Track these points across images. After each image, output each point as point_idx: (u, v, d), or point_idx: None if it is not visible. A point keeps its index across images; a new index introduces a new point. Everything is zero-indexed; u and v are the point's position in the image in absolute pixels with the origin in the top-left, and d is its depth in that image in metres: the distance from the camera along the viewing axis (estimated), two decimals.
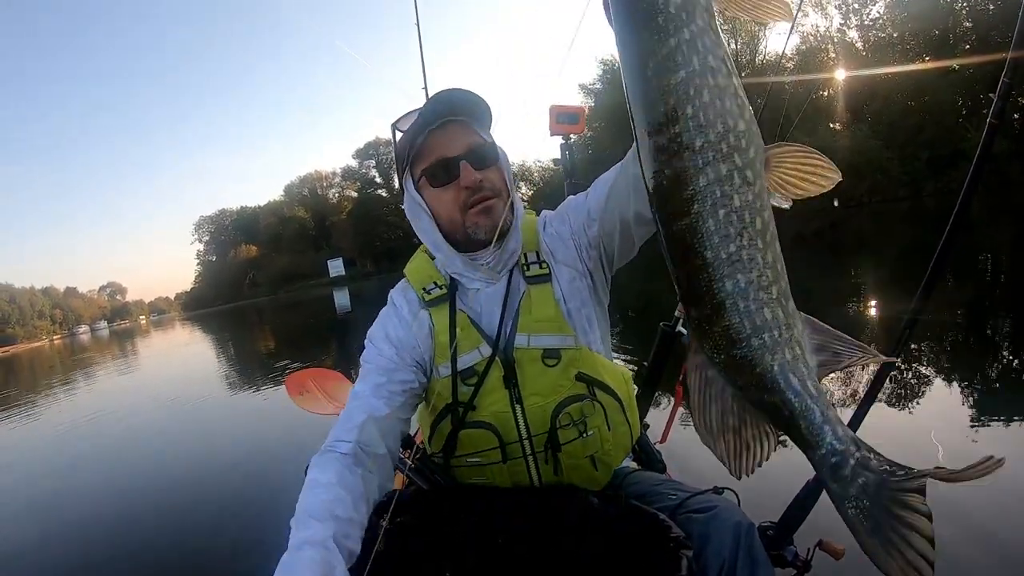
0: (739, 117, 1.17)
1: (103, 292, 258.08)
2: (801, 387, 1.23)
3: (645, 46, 1.16)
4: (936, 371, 6.81)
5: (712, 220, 1.18)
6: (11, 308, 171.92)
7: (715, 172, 1.16)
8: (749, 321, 1.22)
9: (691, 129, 1.15)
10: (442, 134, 2.02)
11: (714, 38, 1.16)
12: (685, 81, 1.15)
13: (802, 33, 48.83)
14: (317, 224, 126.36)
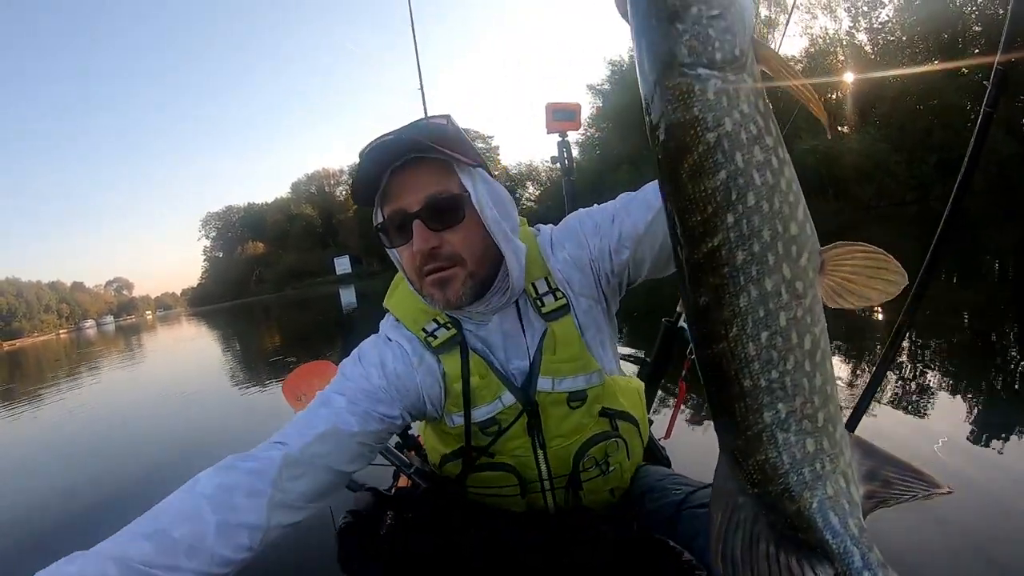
0: (790, 219, 1.05)
1: (109, 287, 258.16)
2: (841, 527, 1.12)
3: (678, 141, 1.02)
4: (940, 373, 6.79)
5: (753, 345, 1.05)
6: (18, 302, 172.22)
7: (759, 290, 1.03)
8: (788, 455, 1.10)
9: (732, 241, 1.02)
10: (404, 177, 1.75)
11: (763, 122, 1.02)
12: (725, 184, 1.01)
13: (811, 35, 48.78)
14: (324, 222, 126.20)
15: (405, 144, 1.69)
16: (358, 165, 1.75)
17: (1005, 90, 2.19)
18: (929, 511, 3.80)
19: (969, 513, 3.75)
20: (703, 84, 0.98)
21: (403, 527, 1.86)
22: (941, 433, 4.88)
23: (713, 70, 0.98)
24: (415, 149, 1.71)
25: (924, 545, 3.52)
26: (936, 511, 3.81)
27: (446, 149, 1.69)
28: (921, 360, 7.23)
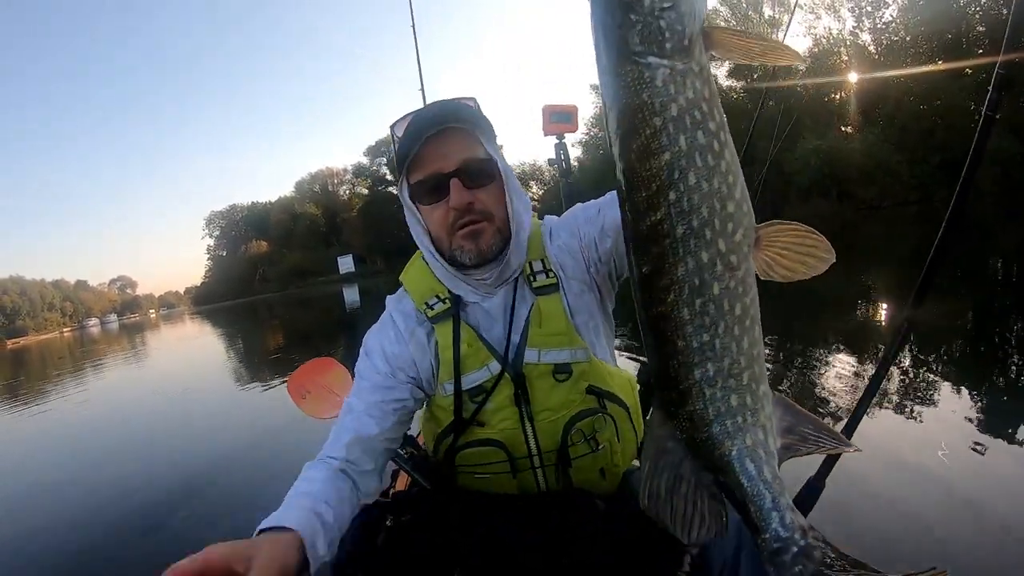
0: (728, 198, 1.13)
1: (113, 285, 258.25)
2: (756, 472, 1.23)
3: (628, 123, 1.12)
4: (944, 374, 6.78)
5: (687, 310, 1.16)
6: (22, 300, 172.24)
7: (696, 261, 1.13)
8: (714, 408, 1.21)
9: (672, 216, 1.12)
10: (439, 144, 1.90)
11: (707, 108, 1.11)
12: (669, 164, 1.10)
13: (815, 36, 48.72)
14: (328, 221, 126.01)
15: (441, 115, 1.88)
16: (398, 135, 2.01)
17: (1009, 90, 2.20)
18: (934, 516, 3.81)
19: (973, 518, 3.76)
20: (652, 72, 1.07)
21: (401, 530, 1.89)
22: (945, 434, 4.90)
23: (663, 59, 1.07)
24: (450, 119, 1.88)
25: (929, 550, 3.54)
26: (940, 517, 3.82)
27: (477, 125, 1.93)
28: (924, 361, 7.23)
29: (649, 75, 1.07)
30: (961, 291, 10.79)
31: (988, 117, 2.26)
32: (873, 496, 4.08)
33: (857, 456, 3.10)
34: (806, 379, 7.55)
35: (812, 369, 7.89)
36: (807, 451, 1.29)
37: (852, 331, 9.87)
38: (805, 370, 7.96)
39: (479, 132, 1.95)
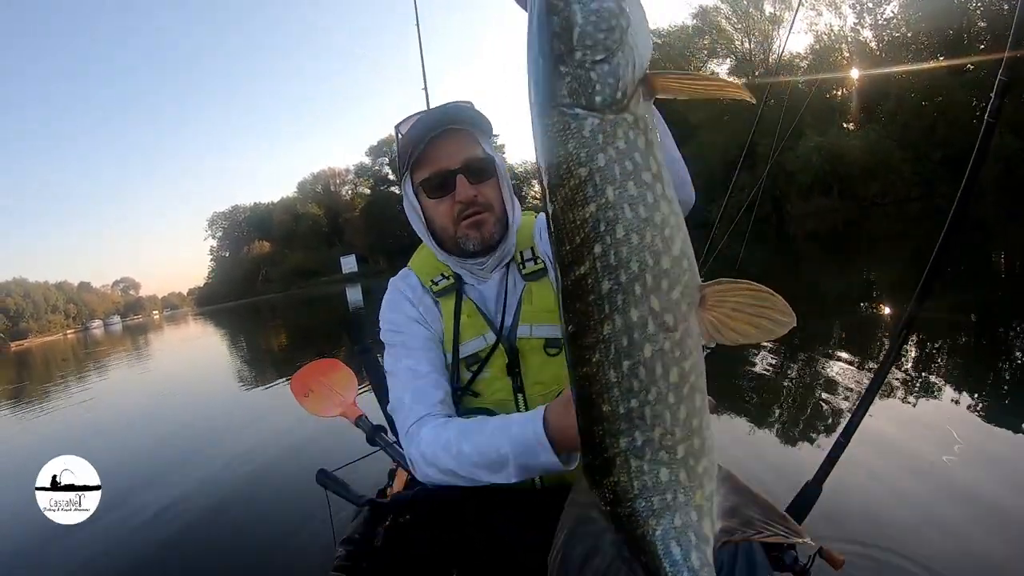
0: (663, 252, 1.08)
1: (116, 287, 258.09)
2: (682, 558, 1.14)
3: (556, 175, 1.09)
4: (946, 373, 6.78)
5: (614, 371, 1.09)
6: (25, 303, 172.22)
7: (624, 319, 1.07)
8: (639, 482, 1.13)
9: (598, 270, 1.07)
10: (443, 143, 2.08)
11: (640, 158, 1.08)
12: (595, 216, 1.06)
13: (816, 32, 48.67)
14: (330, 221, 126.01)
15: (444, 117, 2.08)
16: (402, 136, 2.21)
17: (1010, 94, 2.20)
18: (939, 518, 3.81)
19: (981, 519, 3.76)
20: (579, 123, 1.05)
21: (400, 530, 1.91)
22: (947, 434, 4.89)
23: (592, 111, 1.05)
24: (452, 121, 2.08)
25: (933, 550, 3.54)
26: (945, 517, 3.82)
27: (476, 126, 2.15)
28: (926, 360, 7.23)
29: (576, 126, 1.06)
30: (964, 289, 10.77)
31: (990, 124, 2.27)
32: (875, 495, 4.08)
33: (859, 455, 3.13)
34: (808, 377, 7.55)
35: (814, 368, 7.89)
36: (750, 538, 1.17)
37: (854, 329, 9.87)
38: (807, 368, 7.96)
39: (478, 133, 2.16)
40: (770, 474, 4.49)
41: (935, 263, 2.47)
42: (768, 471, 4.61)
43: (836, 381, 6.97)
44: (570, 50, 1.05)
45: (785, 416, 6.24)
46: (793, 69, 45.88)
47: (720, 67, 58.37)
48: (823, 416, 5.98)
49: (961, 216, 2.39)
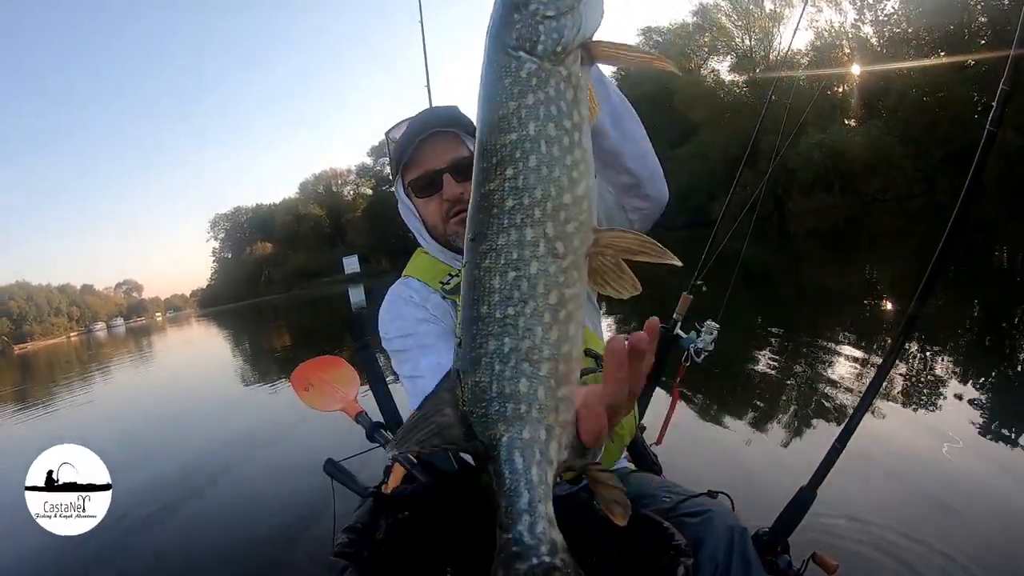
0: (567, 190, 1.18)
1: (119, 289, 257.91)
2: (523, 468, 1.17)
3: (489, 104, 1.21)
4: (948, 372, 6.79)
5: (499, 279, 1.18)
6: (28, 306, 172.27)
7: (519, 235, 1.17)
8: (498, 385, 1.17)
9: (505, 189, 1.17)
10: (430, 146, 2.21)
11: (566, 107, 1.19)
12: (513, 143, 1.17)
13: (816, 29, 48.58)
14: (332, 221, 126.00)
15: (430, 121, 2.21)
16: (393, 142, 2.33)
17: (1012, 103, 2.21)
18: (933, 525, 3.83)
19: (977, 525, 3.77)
20: (519, 64, 1.18)
21: (398, 527, 1.93)
22: (944, 439, 4.90)
23: (532, 56, 1.18)
24: (438, 124, 2.21)
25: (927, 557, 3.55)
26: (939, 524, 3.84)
27: (458, 127, 2.25)
28: (928, 359, 7.23)
29: (516, 66, 1.18)
30: (965, 287, 10.77)
31: (991, 133, 2.28)
32: (870, 501, 4.09)
33: (854, 461, 3.14)
34: (805, 380, 7.57)
35: (812, 370, 7.91)
36: (588, 469, 1.24)
37: (853, 329, 9.86)
38: (804, 371, 7.98)
39: (463, 134, 2.27)
40: (765, 478, 4.51)
41: (935, 268, 2.48)
42: (763, 475, 4.64)
43: (834, 384, 6.99)
44: (527, 2, 1.17)
45: (783, 419, 6.28)
46: (794, 66, 45.90)
47: (721, 64, 58.40)
48: (820, 419, 6.00)
49: (962, 221, 2.40)
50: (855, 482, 4.11)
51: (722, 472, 4.75)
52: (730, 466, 5.06)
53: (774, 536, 2.56)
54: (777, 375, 8.08)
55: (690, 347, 3.59)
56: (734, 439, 5.83)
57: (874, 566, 3.47)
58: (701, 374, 4.02)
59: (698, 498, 2.03)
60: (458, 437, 1.19)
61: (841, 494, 3.60)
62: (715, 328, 3.60)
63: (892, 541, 3.68)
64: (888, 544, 3.65)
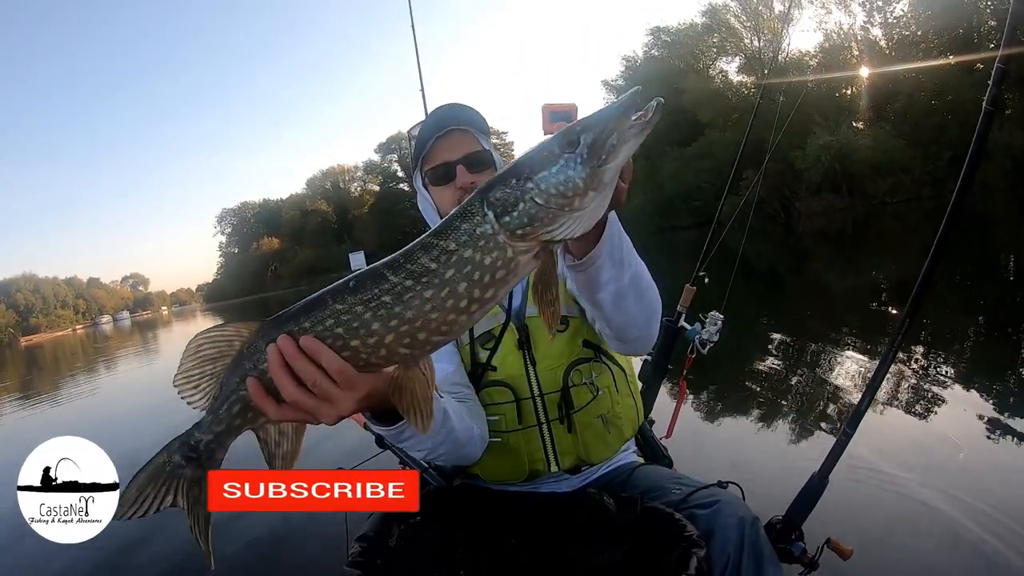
0: (428, 331, 1.35)
1: (125, 283, 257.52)
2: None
3: (441, 227, 1.35)
4: (954, 368, 6.78)
5: (331, 333, 1.38)
6: (35, 298, 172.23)
7: (371, 316, 1.35)
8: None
9: (395, 288, 1.34)
10: (446, 140, 2.41)
11: (488, 280, 1.32)
12: (428, 269, 1.31)
13: (826, 31, 48.47)
14: (339, 217, 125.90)
15: (449, 118, 2.42)
16: (414, 138, 2.55)
17: (1007, 83, 2.22)
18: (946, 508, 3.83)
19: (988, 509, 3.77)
20: (482, 219, 1.30)
21: (413, 529, 1.96)
22: (955, 425, 4.91)
23: (496, 221, 1.30)
24: (455, 122, 2.41)
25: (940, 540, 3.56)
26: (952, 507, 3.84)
27: (475, 126, 2.46)
28: (934, 355, 7.24)
29: (479, 219, 1.31)
30: (971, 286, 10.76)
31: (988, 111, 2.30)
32: (882, 486, 4.10)
33: (865, 447, 3.16)
34: (814, 371, 7.59)
35: (820, 362, 7.93)
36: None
37: (860, 324, 9.87)
38: (813, 363, 8.00)
39: (477, 132, 2.47)
40: (776, 466, 4.52)
41: (934, 255, 2.50)
42: (774, 463, 4.65)
43: (842, 375, 7.02)
44: (526, 178, 1.29)
45: (792, 409, 6.29)
46: (802, 67, 45.75)
47: (729, 65, 58.32)
48: (828, 407, 6.03)
49: (959, 206, 2.42)
50: (866, 469, 4.12)
51: (733, 462, 4.80)
52: (741, 456, 5.10)
53: (788, 523, 2.59)
54: (784, 365, 8.15)
55: (695, 339, 3.61)
56: (744, 429, 5.87)
57: (888, 550, 3.49)
58: (708, 366, 4.04)
59: (708, 489, 2.04)
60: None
61: (852, 480, 3.63)
62: (719, 319, 3.62)
63: (905, 525, 3.70)
64: (902, 528, 3.67)
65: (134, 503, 1.42)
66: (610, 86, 69.64)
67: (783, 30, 49.00)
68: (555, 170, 1.28)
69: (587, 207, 1.30)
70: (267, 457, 1.47)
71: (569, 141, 1.29)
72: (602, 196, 1.32)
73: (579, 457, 2.29)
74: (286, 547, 4.75)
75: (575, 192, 1.27)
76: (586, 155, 1.27)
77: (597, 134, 1.27)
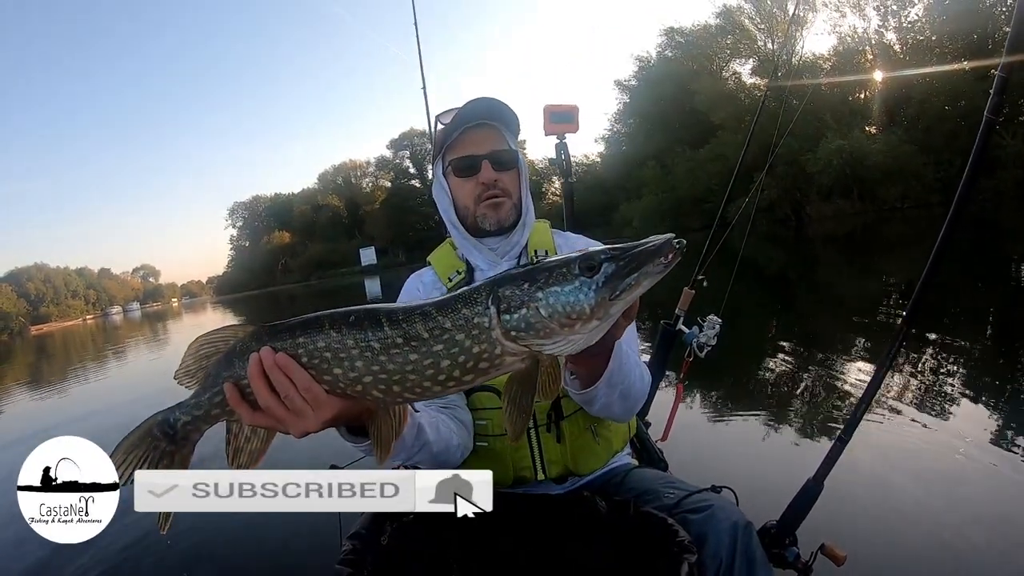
0: (402, 386, 1.43)
1: (136, 274, 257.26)
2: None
3: (444, 300, 1.41)
4: (954, 373, 6.78)
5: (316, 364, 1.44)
6: (46, 288, 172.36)
7: (350, 361, 1.42)
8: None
9: (387, 338, 1.40)
10: (475, 133, 2.43)
11: (471, 365, 1.39)
12: (419, 336, 1.38)
13: (840, 34, 48.29)
14: (350, 213, 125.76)
15: (480, 111, 2.40)
16: (442, 125, 2.51)
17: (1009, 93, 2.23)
18: (940, 515, 3.84)
19: (982, 515, 3.79)
20: (483, 310, 1.36)
21: (404, 529, 1.99)
22: (950, 432, 4.91)
23: (497, 316, 1.35)
24: (487, 116, 2.43)
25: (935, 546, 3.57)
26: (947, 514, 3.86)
27: (505, 124, 2.49)
28: (938, 358, 7.24)
29: (481, 308, 1.36)
30: (976, 295, 10.74)
31: (989, 120, 2.30)
32: (877, 492, 4.12)
33: (860, 453, 3.17)
34: (815, 368, 7.61)
35: (821, 359, 7.97)
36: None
37: (861, 330, 9.88)
38: (814, 360, 8.05)
39: (505, 130, 2.49)
40: (771, 471, 4.53)
41: (932, 265, 2.52)
42: (769, 468, 4.66)
43: (840, 380, 7.04)
44: (539, 287, 1.33)
45: (789, 414, 6.32)
46: (816, 71, 45.61)
47: (743, 67, 58.14)
48: (824, 413, 6.05)
49: (959, 214, 2.43)
50: (861, 475, 4.14)
51: (728, 466, 4.79)
52: (736, 460, 5.11)
53: (782, 528, 2.60)
54: (782, 370, 8.17)
55: (692, 342, 3.62)
56: (740, 433, 5.90)
57: (882, 556, 3.50)
58: (706, 369, 4.05)
59: (702, 493, 2.05)
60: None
61: (847, 486, 3.63)
62: (717, 323, 3.63)
63: (900, 531, 3.72)
64: (896, 534, 3.68)
65: (121, 465, 1.54)
66: (623, 86, 69.52)
67: (793, 32, 48.79)
68: (568, 289, 1.32)
69: (585, 332, 1.34)
70: (231, 453, 1.55)
71: (589, 266, 1.32)
72: (603, 326, 1.36)
73: (566, 467, 2.31)
74: (278, 544, 4.75)
75: (579, 316, 1.31)
76: (601, 284, 1.31)
77: (620, 267, 1.31)
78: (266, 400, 1.40)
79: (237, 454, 1.53)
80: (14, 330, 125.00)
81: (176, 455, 1.55)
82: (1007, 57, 2.24)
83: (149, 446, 1.53)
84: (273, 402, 1.40)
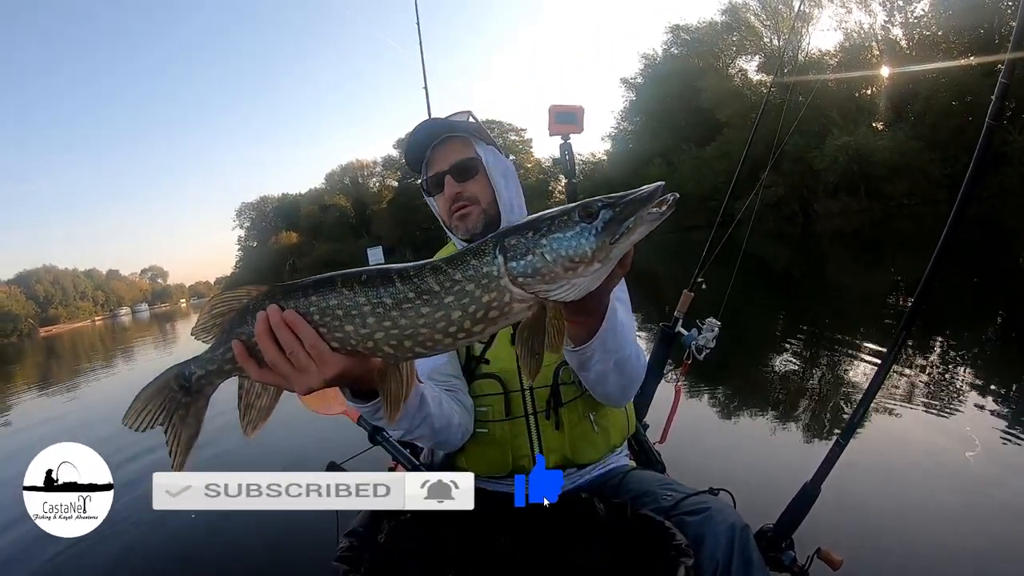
0: (413, 340, 1.46)
1: (144, 275, 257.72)
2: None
3: (453, 257, 1.45)
4: (953, 376, 6.78)
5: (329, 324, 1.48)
6: (54, 289, 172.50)
7: (361, 318, 1.46)
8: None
9: (399, 293, 1.43)
10: (439, 150, 2.52)
11: (480, 315, 1.43)
12: (431, 290, 1.43)
13: (846, 30, 48.17)
14: (357, 213, 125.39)
15: (440, 128, 2.51)
16: (408, 142, 2.56)
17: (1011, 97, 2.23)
18: (937, 519, 3.85)
19: (981, 519, 3.79)
20: (491, 260, 1.41)
21: (401, 528, 2.01)
22: (948, 435, 4.92)
23: (504, 264, 1.39)
24: (447, 131, 2.51)
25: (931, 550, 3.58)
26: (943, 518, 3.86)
27: (465, 131, 2.52)
28: (937, 361, 7.24)
29: (488, 259, 1.41)
30: (979, 295, 10.73)
31: (990, 126, 2.30)
32: (874, 496, 4.13)
33: (858, 457, 3.17)
34: (814, 372, 7.62)
35: (821, 362, 7.99)
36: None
37: (865, 325, 9.86)
38: (814, 363, 8.05)
39: (471, 137, 2.53)
40: (769, 474, 4.53)
41: (931, 271, 2.52)
42: (767, 471, 4.65)
43: (839, 382, 7.05)
44: (542, 234, 1.38)
45: (787, 417, 6.32)
46: (822, 67, 45.47)
47: (749, 64, 58.07)
48: (823, 416, 6.05)
49: (961, 216, 2.44)
50: (859, 478, 4.13)
51: (726, 469, 4.80)
52: (734, 463, 5.11)
53: (779, 532, 2.61)
54: (781, 372, 8.18)
55: (691, 344, 3.63)
56: (738, 436, 5.92)
57: (879, 560, 3.51)
58: (705, 371, 4.05)
59: (699, 496, 2.06)
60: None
61: (845, 490, 3.63)
62: (716, 325, 3.64)
63: (897, 535, 3.71)
64: (893, 538, 3.68)
65: (140, 413, 1.59)
66: (629, 84, 69.56)
67: (799, 28, 48.64)
68: (569, 235, 1.37)
69: (587, 276, 1.39)
70: (242, 409, 1.59)
71: (588, 212, 1.37)
72: (603, 270, 1.40)
73: (565, 456, 2.33)
74: (276, 542, 4.76)
75: (582, 259, 1.36)
76: (600, 228, 1.36)
77: (616, 213, 1.37)
78: (272, 357, 1.44)
79: (248, 410, 1.58)
80: (23, 332, 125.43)
81: (192, 407, 1.61)
82: (1012, 53, 2.24)
83: (167, 397, 1.60)
84: (279, 359, 1.45)
